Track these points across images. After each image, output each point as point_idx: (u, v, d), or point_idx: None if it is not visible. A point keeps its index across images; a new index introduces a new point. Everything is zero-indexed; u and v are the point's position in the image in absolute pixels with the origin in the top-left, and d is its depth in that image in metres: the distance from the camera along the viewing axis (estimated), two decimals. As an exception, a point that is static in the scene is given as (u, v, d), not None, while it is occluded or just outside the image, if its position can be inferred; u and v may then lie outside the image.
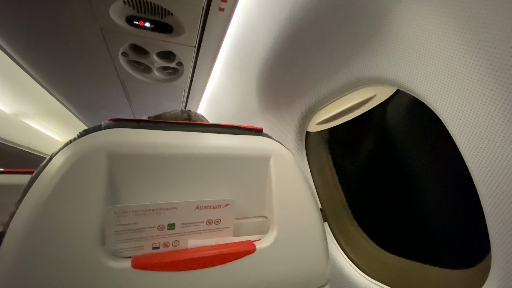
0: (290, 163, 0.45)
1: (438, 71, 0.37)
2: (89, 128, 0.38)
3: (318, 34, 0.55)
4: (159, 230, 0.36)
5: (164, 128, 0.41)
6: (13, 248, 0.29)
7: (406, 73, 0.41)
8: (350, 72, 0.52)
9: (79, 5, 0.73)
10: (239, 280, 0.38)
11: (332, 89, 0.59)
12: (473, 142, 0.36)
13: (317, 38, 0.56)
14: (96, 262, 0.31)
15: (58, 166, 0.32)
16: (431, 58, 0.37)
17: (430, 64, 0.37)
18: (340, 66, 0.54)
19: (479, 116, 0.34)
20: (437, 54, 0.36)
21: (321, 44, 0.56)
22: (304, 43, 0.60)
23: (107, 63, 1.05)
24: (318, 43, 0.56)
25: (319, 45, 0.56)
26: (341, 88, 0.57)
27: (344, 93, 0.57)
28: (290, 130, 0.79)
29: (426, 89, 0.39)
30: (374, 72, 0.47)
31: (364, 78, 0.50)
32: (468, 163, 0.37)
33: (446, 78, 0.36)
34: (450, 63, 0.35)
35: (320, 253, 0.45)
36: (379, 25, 0.43)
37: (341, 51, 0.53)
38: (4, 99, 2.02)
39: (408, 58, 0.41)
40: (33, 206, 0.30)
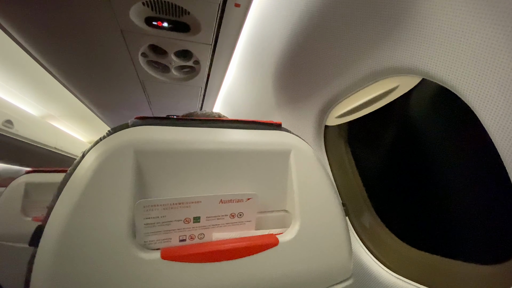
0: (310, 157, 0.45)
1: (469, 58, 0.35)
2: (117, 127, 0.39)
3: (337, 25, 0.54)
4: (185, 223, 0.38)
5: (187, 125, 0.42)
6: (53, 239, 0.31)
7: (433, 61, 0.40)
8: (371, 63, 0.51)
9: (100, 8, 0.76)
10: (263, 273, 0.38)
11: (352, 81, 0.57)
12: (508, 132, 0.34)
13: (336, 29, 0.54)
14: (128, 253, 0.33)
15: (89, 163, 0.34)
16: (462, 44, 0.35)
17: (461, 50, 0.36)
18: (360, 57, 0.53)
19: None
20: (469, 39, 0.34)
21: (340, 34, 0.54)
22: (322, 34, 0.58)
23: (127, 64, 1.09)
24: (336, 34, 0.55)
25: (337, 36, 0.55)
26: (361, 80, 0.55)
27: (364, 85, 0.56)
28: (308, 124, 0.78)
29: (456, 78, 0.37)
30: (397, 61, 0.45)
31: (386, 68, 0.48)
32: (502, 153, 0.36)
33: (478, 65, 0.34)
34: (483, 49, 0.33)
35: (343, 247, 0.45)
36: (403, 10, 0.41)
37: (361, 41, 0.51)
38: (32, 103, 2.15)
39: (436, 45, 0.39)
40: (69, 201, 0.32)
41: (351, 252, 0.46)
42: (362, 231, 0.76)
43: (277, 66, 0.79)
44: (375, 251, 0.72)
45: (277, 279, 0.39)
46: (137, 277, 0.32)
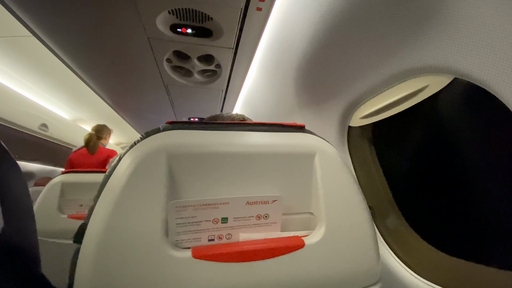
0: (335, 159, 0.45)
1: (506, 56, 0.33)
2: (149, 131, 0.41)
3: (361, 24, 0.53)
4: (214, 223, 0.39)
5: (214, 129, 0.43)
6: (95, 237, 0.33)
7: (467, 59, 0.38)
8: (398, 62, 0.50)
9: (129, 18, 0.80)
10: (289, 274, 0.38)
11: (378, 81, 0.56)
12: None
13: (360, 28, 0.53)
14: (162, 251, 0.34)
15: (126, 166, 0.36)
16: (498, 41, 0.34)
17: (497, 48, 0.34)
18: (387, 56, 0.51)
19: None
20: (506, 37, 0.33)
21: (365, 34, 0.53)
22: (346, 35, 0.58)
23: (153, 70, 1.14)
24: (361, 34, 0.54)
25: (362, 35, 0.54)
26: (388, 80, 0.54)
27: (392, 85, 0.54)
28: (331, 125, 0.77)
29: (492, 76, 0.36)
30: (427, 60, 0.44)
31: (415, 67, 0.47)
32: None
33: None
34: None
35: (370, 250, 0.44)
36: (434, 7, 0.40)
37: (389, 40, 0.50)
38: (65, 107, 2.30)
39: (470, 43, 0.37)
40: (108, 202, 0.34)
41: (379, 256, 0.45)
42: (388, 234, 0.74)
43: (299, 68, 0.79)
44: (402, 255, 0.70)
45: (303, 281, 0.39)
46: (170, 274, 0.34)
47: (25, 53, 1.44)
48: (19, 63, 1.53)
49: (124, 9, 0.76)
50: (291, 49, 0.78)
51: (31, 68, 1.59)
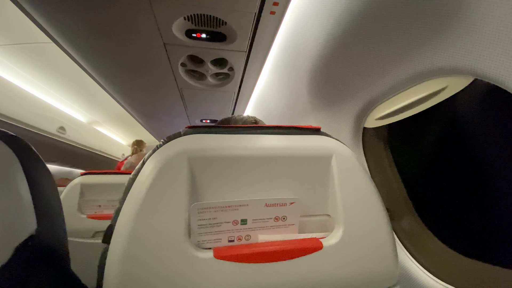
0: (352, 161, 0.45)
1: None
2: (171, 136, 0.43)
3: (378, 25, 0.52)
4: (233, 225, 0.40)
5: (233, 132, 0.44)
6: (122, 237, 0.35)
7: (489, 60, 0.38)
8: (417, 63, 0.49)
9: (146, 24, 0.82)
10: (308, 276, 0.39)
11: (395, 83, 0.55)
12: None
13: (377, 29, 0.53)
14: (186, 252, 0.35)
15: (150, 169, 0.37)
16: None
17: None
18: (404, 58, 0.51)
19: None
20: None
21: (382, 35, 0.53)
22: (361, 36, 0.57)
23: (167, 74, 1.16)
24: (378, 35, 0.54)
25: (379, 36, 0.54)
26: (405, 81, 0.53)
27: (409, 86, 0.54)
28: (345, 126, 0.77)
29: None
30: (446, 61, 0.43)
31: (434, 69, 0.46)
32: None
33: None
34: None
35: (388, 252, 0.44)
36: (454, 7, 0.40)
37: (406, 41, 0.49)
38: (81, 110, 2.37)
39: (491, 43, 0.37)
40: (134, 204, 0.36)
41: (397, 258, 0.45)
42: (405, 236, 0.73)
43: (312, 70, 0.79)
44: (420, 257, 0.69)
45: (321, 283, 0.39)
46: (193, 273, 0.35)
47: (45, 59, 1.50)
48: (39, 69, 1.60)
49: (141, 16, 0.79)
50: (304, 51, 0.78)
51: (50, 73, 1.66)
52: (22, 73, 1.62)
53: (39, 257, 0.34)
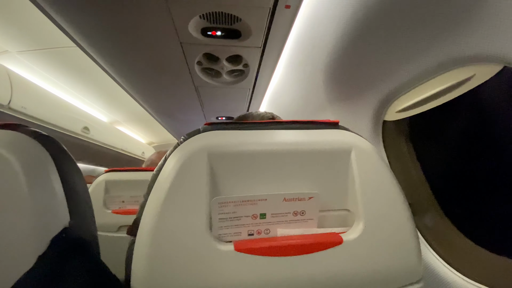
0: (372, 155, 0.44)
1: None
2: (190, 133, 0.44)
3: (399, 12, 0.50)
4: (253, 219, 0.41)
5: (251, 128, 0.45)
6: (147, 230, 0.36)
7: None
8: (440, 52, 0.47)
9: (163, 24, 0.85)
10: (328, 270, 0.39)
11: (418, 73, 0.53)
12: None
13: (398, 17, 0.51)
14: (207, 244, 0.36)
15: (172, 165, 0.39)
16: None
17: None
18: (428, 46, 0.49)
19: None
20: None
21: (403, 23, 0.51)
22: (381, 25, 0.55)
23: (184, 73, 1.19)
24: (399, 23, 0.51)
25: (400, 24, 0.52)
26: (429, 71, 0.51)
27: (432, 76, 0.51)
28: (363, 120, 0.75)
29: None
30: (474, 48, 0.41)
31: (460, 57, 0.44)
32: None
33: None
34: None
35: (411, 248, 0.43)
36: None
37: (429, 28, 0.47)
38: (103, 111, 2.48)
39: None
40: (157, 198, 0.37)
41: (420, 253, 0.44)
42: (428, 231, 0.70)
43: (329, 63, 0.77)
44: (444, 253, 0.67)
45: (341, 278, 0.39)
46: (214, 265, 0.36)
47: (69, 63, 1.58)
48: (64, 72, 1.69)
49: (158, 17, 0.81)
50: (320, 44, 0.77)
51: (74, 75, 1.74)
52: (48, 76, 1.71)
53: (73, 248, 0.37)
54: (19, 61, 1.53)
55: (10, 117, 1.47)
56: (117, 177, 1.13)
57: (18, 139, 0.39)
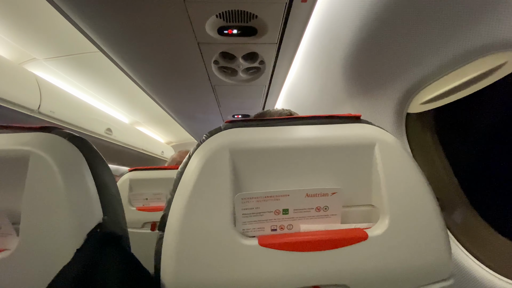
0: (397, 149, 0.43)
1: None
2: (212, 131, 0.45)
3: (424, 1, 0.48)
4: (275, 214, 0.41)
5: (271, 125, 0.45)
6: (175, 225, 0.38)
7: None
8: (468, 39, 0.44)
9: (181, 26, 0.86)
10: (352, 266, 0.38)
11: (444, 62, 0.51)
12: None
13: (421, 4, 0.49)
14: (232, 239, 0.37)
15: (195, 163, 0.40)
16: None
17: None
18: (455, 33, 0.46)
19: None
20: None
21: (427, 9, 0.48)
22: (404, 14, 0.53)
23: (201, 72, 1.21)
24: (422, 10, 0.49)
25: (424, 11, 0.49)
26: (456, 60, 0.48)
27: (459, 65, 0.49)
28: (386, 113, 0.73)
29: None
30: (506, 34, 0.39)
31: (491, 43, 0.41)
32: None
33: None
34: None
35: (440, 243, 0.41)
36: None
37: (455, 15, 0.45)
38: (124, 112, 2.57)
39: None
40: (183, 195, 0.38)
41: (450, 250, 0.42)
42: (457, 227, 0.67)
43: (347, 56, 0.76)
44: (475, 250, 0.64)
45: (367, 273, 0.39)
46: (239, 259, 0.37)
47: (92, 67, 1.65)
48: (88, 76, 1.77)
49: (176, 18, 0.83)
50: (339, 37, 0.75)
51: (97, 79, 1.82)
52: (73, 81, 1.80)
53: (106, 242, 0.39)
54: (46, 68, 1.62)
55: (39, 120, 1.57)
56: (140, 176, 1.17)
57: (54, 140, 0.42)
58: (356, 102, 0.87)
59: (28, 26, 1.21)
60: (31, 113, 1.50)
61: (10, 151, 0.39)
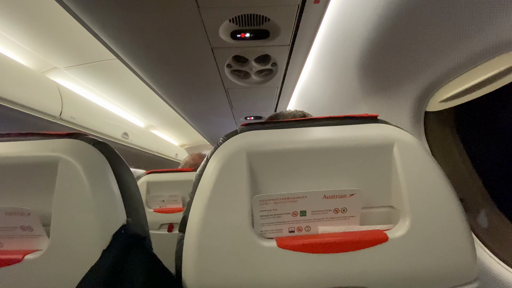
0: (417, 149, 0.42)
1: None
2: (228, 134, 0.45)
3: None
4: (293, 216, 0.41)
5: (286, 127, 0.45)
6: (195, 226, 0.38)
7: None
8: (490, 34, 0.43)
9: (196, 32, 0.88)
10: (373, 268, 0.38)
11: (465, 58, 0.49)
12: None
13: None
14: (250, 240, 0.37)
15: (213, 166, 0.40)
16: None
17: None
18: (477, 27, 0.45)
19: None
20: None
21: (448, 3, 0.47)
22: (421, 8, 0.52)
23: (215, 76, 1.23)
24: (443, 4, 0.48)
25: (444, 6, 0.48)
26: (477, 56, 0.47)
27: (482, 61, 0.47)
28: (403, 112, 0.71)
29: None
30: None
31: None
32: None
33: None
34: None
35: (464, 245, 0.40)
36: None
37: (476, 9, 0.43)
38: (139, 117, 2.64)
39: None
40: (202, 197, 0.39)
41: (475, 252, 0.41)
42: (482, 229, 0.65)
43: (362, 55, 0.75)
44: (501, 252, 0.61)
45: (387, 276, 0.38)
46: (258, 261, 0.37)
47: (109, 74, 1.71)
48: (105, 83, 1.83)
49: (190, 24, 0.85)
50: (353, 36, 0.74)
51: (114, 85, 1.88)
52: (91, 88, 1.87)
53: (131, 243, 0.40)
54: (66, 76, 1.69)
55: (61, 126, 1.64)
56: (156, 178, 1.20)
57: (80, 146, 0.44)
58: (372, 102, 0.85)
59: (49, 36, 1.27)
60: (54, 119, 1.57)
61: (41, 157, 0.41)
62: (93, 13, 0.81)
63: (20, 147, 0.43)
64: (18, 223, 0.39)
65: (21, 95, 1.30)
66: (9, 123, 1.32)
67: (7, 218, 0.39)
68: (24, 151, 0.42)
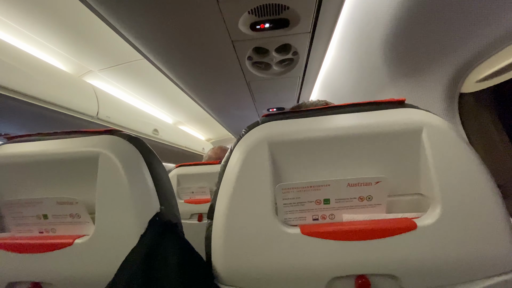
0: (448, 134, 0.40)
1: None
2: (250, 125, 0.46)
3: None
4: (316, 204, 0.41)
5: (308, 116, 0.45)
6: (222, 212, 0.40)
7: None
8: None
9: (216, 26, 0.90)
10: (401, 256, 0.37)
11: (504, 32, 0.45)
12: None
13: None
14: (275, 227, 0.39)
15: (236, 157, 0.42)
16: None
17: None
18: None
19: None
20: None
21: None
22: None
23: (236, 69, 1.24)
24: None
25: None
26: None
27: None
28: (435, 95, 0.67)
29: None
30: None
31: None
32: None
33: None
34: None
35: (502, 234, 0.38)
36: None
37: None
38: (168, 113, 2.76)
39: None
40: (228, 186, 0.41)
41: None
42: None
43: (388, 37, 0.71)
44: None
45: (417, 264, 0.37)
46: (282, 246, 0.38)
47: (138, 74, 1.80)
48: (135, 82, 1.93)
49: (210, 19, 0.86)
50: (377, 17, 0.70)
51: (144, 84, 1.98)
52: (123, 87, 1.99)
53: (164, 229, 0.44)
54: (100, 78, 1.81)
55: (97, 125, 1.77)
56: (186, 171, 1.26)
57: (116, 141, 0.48)
58: (400, 86, 0.81)
59: (83, 41, 1.37)
60: (92, 119, 1.71)
61: (84, 152, 0.46)
62: (120, 16, 0.85)
63: (65, 144, 0.48)
64: (68, 211, 0.44)
65: (62, 98, 1.43)
66: (54, 123, 1.46)
67: (58, 207, 0.44)
68: (69, 147, 0.47)
